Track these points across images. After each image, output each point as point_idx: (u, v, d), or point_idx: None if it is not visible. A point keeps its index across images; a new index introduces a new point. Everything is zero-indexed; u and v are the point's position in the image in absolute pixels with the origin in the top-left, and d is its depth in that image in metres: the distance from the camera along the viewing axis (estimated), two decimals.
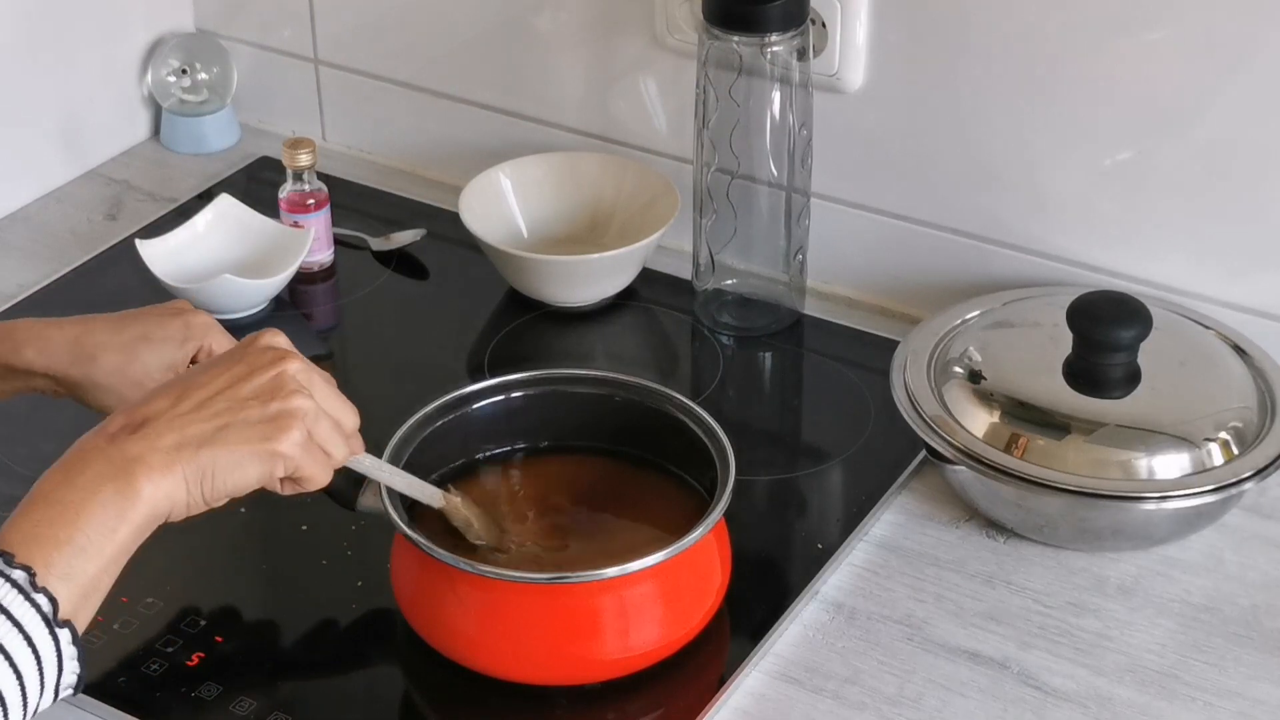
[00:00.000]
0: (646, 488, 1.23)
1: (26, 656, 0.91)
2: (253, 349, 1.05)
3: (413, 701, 1.18)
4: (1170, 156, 1.37)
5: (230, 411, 1.01)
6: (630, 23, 1.56)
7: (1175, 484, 1.23)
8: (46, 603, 0.92)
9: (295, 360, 1.05)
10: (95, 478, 0.96)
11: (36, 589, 0.92)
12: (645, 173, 1.57)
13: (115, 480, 0.96)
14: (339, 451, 1.06)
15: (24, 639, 0.91)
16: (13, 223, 1.70)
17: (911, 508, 1.33)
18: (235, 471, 1.00)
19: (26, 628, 0.91)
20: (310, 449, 1.03)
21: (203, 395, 1.01)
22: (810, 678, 1.18)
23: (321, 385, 1.06)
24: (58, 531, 0.94)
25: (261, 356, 1.04)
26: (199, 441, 0.99)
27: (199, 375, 1.04)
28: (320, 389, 1.05)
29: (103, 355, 1.19)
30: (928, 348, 1.35)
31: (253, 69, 1.80)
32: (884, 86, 1.47)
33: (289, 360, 1.04)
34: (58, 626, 0.92)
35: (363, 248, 1.63)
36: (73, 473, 0.97)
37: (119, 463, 0.97)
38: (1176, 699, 1.16)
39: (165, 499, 0.98)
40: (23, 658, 0.91)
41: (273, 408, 1.02)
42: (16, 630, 0.91)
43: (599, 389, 1.25)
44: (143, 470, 0.97)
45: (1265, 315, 1.38)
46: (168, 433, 0.99)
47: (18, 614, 0.91)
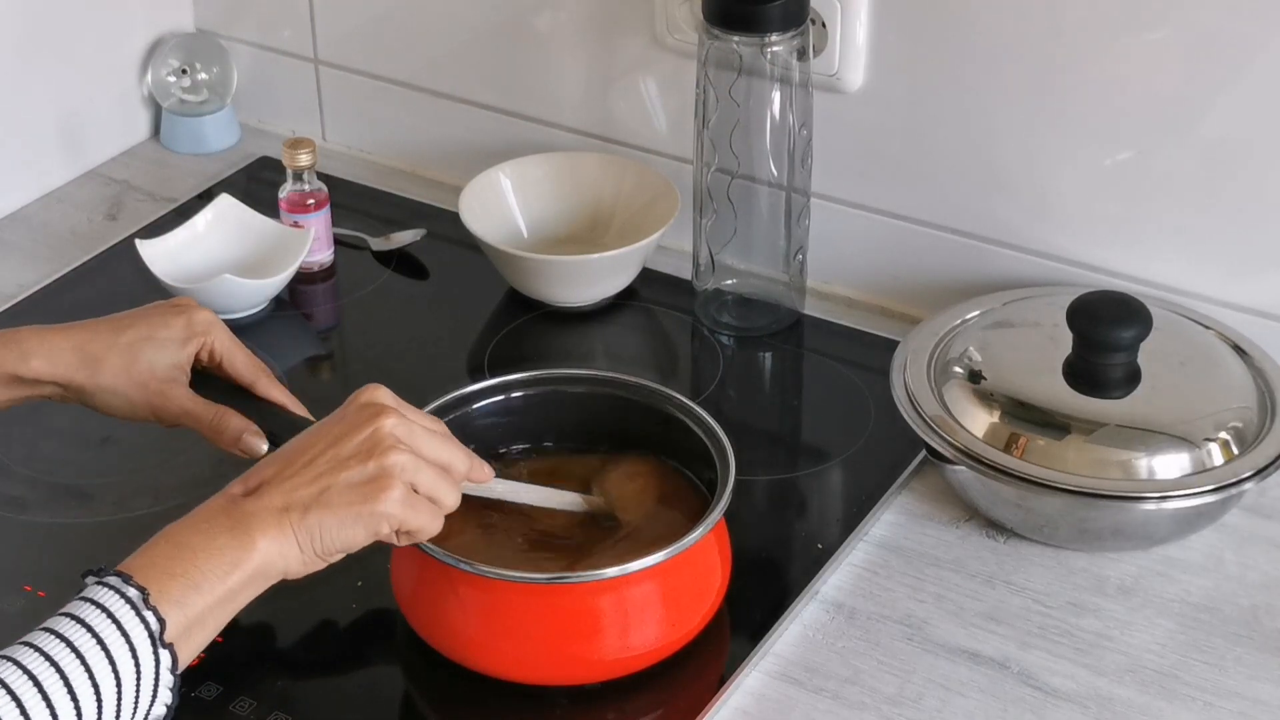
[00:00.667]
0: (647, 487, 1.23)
1: (128, 668, 0.94)
2: (353, 407, 1.08)
3: (413, 701, 1.18)
4: (1171, 157, 1.37)
5: (331, 474, 1.04)
6: (630, 23, 1.56)
7: (1175, 484, 1.23)
8: (155, 621, 0.96)
9: (391, 415, 1.07)
10: (214, 527, 1.01)
11: (148, 606, 0.96)
12: (645, 173, 1.57)
13: (233, 532, 1.01)
14: (448, 498, 1.08)
15: (129, 650, 0.94)
16: (13, 223, 1.70)
17: (911, 508, 1.33)
18: (341, 532, 1.04)
19: (134, 640, 0.95)
20: (413, 502, 1.06)
21: (307, 458, 1.05)
22: (810, 678, 1.18)
23: (423, 436, 1.07)
24: (174, 565, 0.99)
25: (360, 414, 1.07)
26: (305, 505, 1.03)
27: (305, 437, 1.07)
28: (421, 440, 1.07)
29: (107, 358, 1.19)
30: (928, 348, 1.35)
31: (253, 69, 1.80)
32: (884, 86, 1.47)
33: (385, 416, 1.06)
34: (162, 646, 0.96)
35: (363, 248, 1.63)
36: (196, 521, 1.02)
37: (236, 517, 1.02)
38: (1176, 699, 1.16)
39: (279, 555, 1.02)
40: (125, 667, 0.94)
41: (370, 467, 1.04)
42: (124, 641, 0.94)
43: (599, 389, 1.25)
44: (258, 525, 1.02)
45: (1265, 315, 1.38)
46: (278, 496, 1.03)
47: (128, 626, 0.95)
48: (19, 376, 1.19)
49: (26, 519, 1.32)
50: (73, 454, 1.38)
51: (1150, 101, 1.36)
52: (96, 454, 1.37)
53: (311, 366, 1.52)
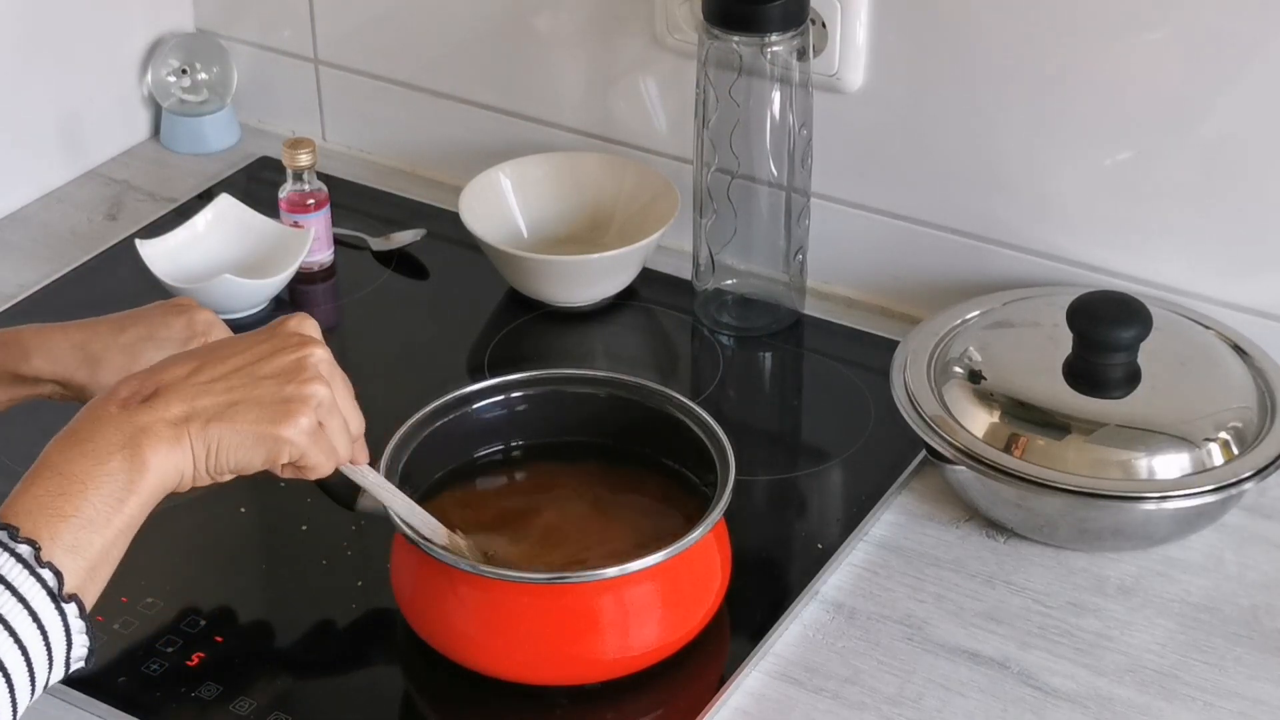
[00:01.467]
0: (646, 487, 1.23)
1: (32, 632, 0.90)
2: (281, 330, 1.04)
3: (413, 701, 1.18)
4: (1171, 157, 1.37)
5: (245, 388, 0.99)
6: (630, 23, 1.56)
7: (1175, 484, 1.23)
8: (52, 577, 0.91)
9: (321, 349, 1.04)
10: (104, 447, 0.95)
11: (42, 564, 0.91)
12: (645, 173, 1.57)
13: (123, 450, 0.95)
14: (344, 449, 1.05)
15: (29, 614, 0.90)
16: (13, 223, 1.70)
17: (911, 508, 1.33)
18: (240, 450, 0.99)
19: (32, 603, 0.90)
20: (318, 438, 1.02)
21: (221, 369, 1.00)
22: (810, 678, 1.18)
23: (341, 382, 1.05)
24: (64, 504, 0.93)
25: (288, 339, 1.03)
26: (208, 415, 0.98)
27: (220, 348, 1.02)
28: (340, 385, 1.04)
29: (107, 358, 1.19)
30: (928, 348, 1.35)
31: (253, 69, 1.80)
32: (884, 86, 1.47)
33: (315, 347, 1.03)
34: (64, 601, 0.92)
35: (363, 248, 1.63)
36: (81, 440, 0.95)
37: (128, 432, 0.96)
38: (1176, 699, 1.16)
39: (174, 470, 0.97)
40: (28, 633, 0.90)
41: (288, 390, 1.00)
42: (22, 606, 0.90)
43: (599, 389, 1.25)
44: (150, 441, 0.96)
45: (1265, 315, 1.38)
46: (177, 403, 0.98)
47: (23, 589, 0.90)
48: (20, 375, 1.19)
49: None
50: None
51: (1150, 101, 1.36)
52: None
53: None
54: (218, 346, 1.03)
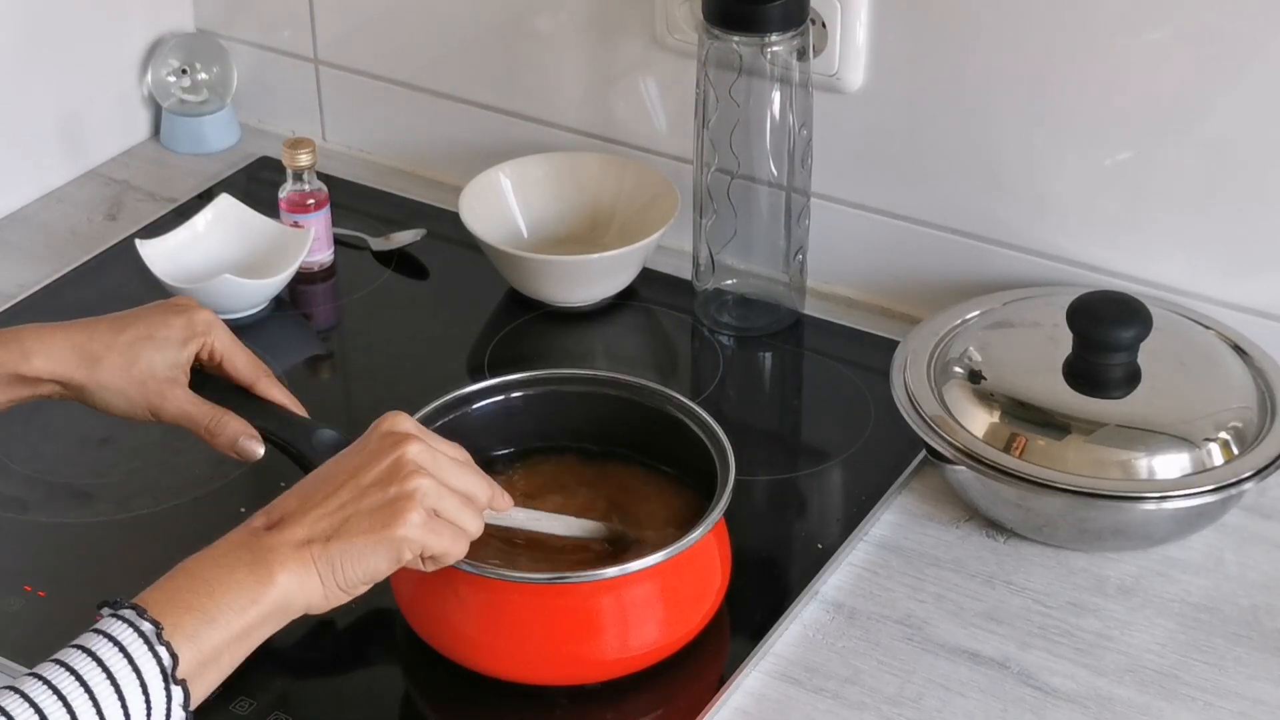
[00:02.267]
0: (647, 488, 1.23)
1: (139, 704, 0.94)
2: (375, 434, 1.07)
3: (413, 701, 1.18)
4: (1171, 156, 1.37)
5: (353, 503, 1.03)
6: (630, 23, 1.56)
7: (1175, 484, 1.23)
8: (168, 657, 0.95)
9: (414, 442, 1.06)
10: (234, 561, 1.00)
11: (161, 642, 0.95)
12: (645, 173, 1.57)
13: (252, 566, 1.00)
14: (471, 525, 1.07)
15: (140, 686, 0.94)
16: (13, 223, 1.70)
17: (911, 508, 1.33)
18: (362, 561, 1.03)
19: (145, 675, 0.94)
20: (434, 526, 1.05)
21: (330, 489, 1.04)
22: (810, 678, 1.18)
23: (446, 463, 1.07)
24: (191, 599, 0.98)
25: (382, 442, 1.06)
26: (326, 535, 1.02)
27: (328, 468, 1.06)
28: (445, 467, 1.06)
29: (107, 357, 1.19)
30: (928, 348, 1.35)
31: (253, 69, 1.80)
32: (884, 86, 1.47)
33: (408, 443, 1.06)
34: (174, 683, 0.95)
35: (363, 248, 1.63)
36: (216, 554, 1.01)
37: (257, 551, 1.01)
38: (1176, 699, 1.16)
39: (299, 589, 1.01)
40: (135, 704, 0.94)
41: (391, 492, 1.04)
42: (135, 677, 0.94)
43: (599, 389, 1.25)
44: (277, 559, 1.01)
45: (1265, 315, 1.38)
46: (299, 529, 1.02)
47: (140, 662, 0.94)
48: (20, 375, 1.19)
49: (26, 519, 1.32)
50: (73, 454, 1.38)
51: (1150, 101, 1.36)
52: (96, 454, 1.37)
53: (311, 366, 1.52)
54: (325, 469, 1.07)
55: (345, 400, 1.49)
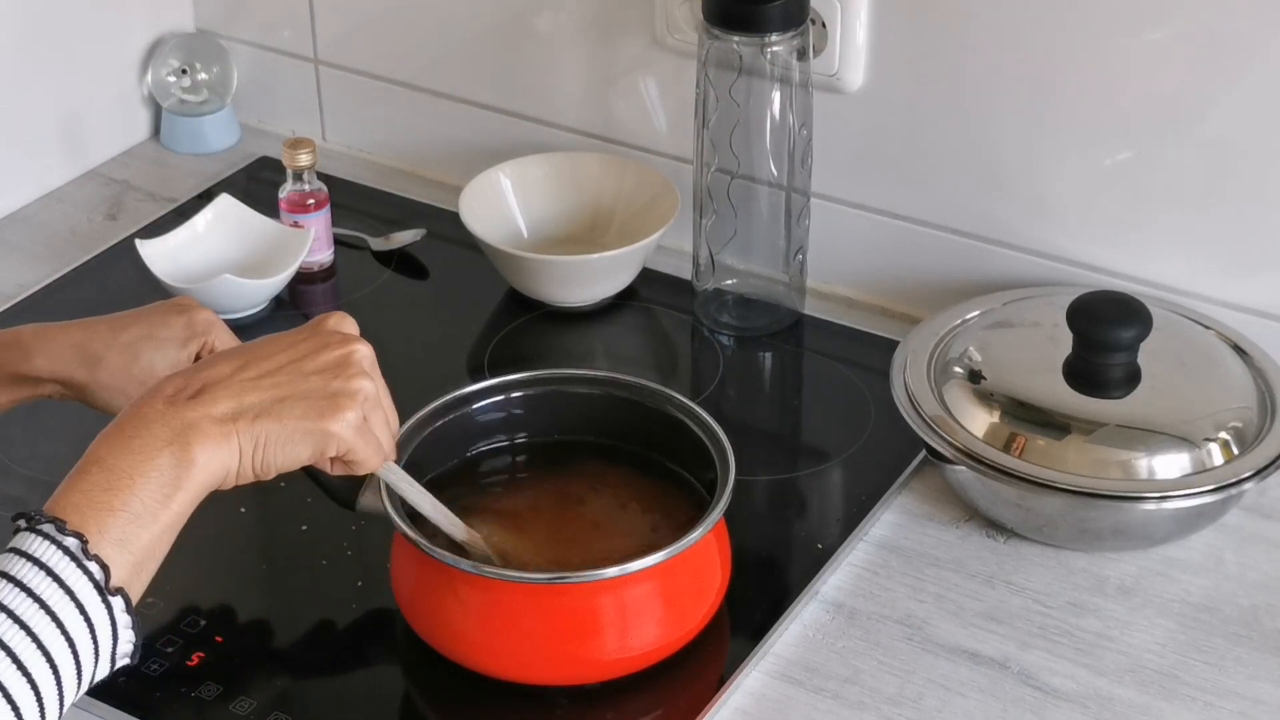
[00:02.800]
0: (646, 488, 1.23)
1: (79, 625, 0.90)
2: (323, 327, 1.05)
3: (413, 701, 1.18)
4: (1171, 157, 1.37)
5: (290, 384, 1.00)
6: (630, 23, 1.56)
7: (1175, 484, 1.23)
8: (98, 570, 0.91)
9: (364, 346, 1.04)
10: (151, 443, 0.95)
11: (89, 556, 0.91)
12: (645, 173, 1.57)
13: (171, 446, 0.95)
14: (388, 444, 1.05)
15: (76, 607, 0.90)
16: (13, 223, 1.70)
17: (911, 508, 1.33)
18: (286, 447, 0.99)
19: (79, 595, 0.90)
20: (364, 432, 1.02)
21: (266, 366, 1.00)
22: (810, 678, 1.18)
23: (381, 380, 1.05)
24: (112, 498, 0.93)
25: (331, 336, 1.04)
26: (255, 411, 0.98)
27: (264, 345, 1.02)
28: (380, 381, 1.05)
29: (107, 356, 1.19)
30: (928, 348, 1.35)
31: (253, 69, 1.80)
32: (884, 86, 1.47)
33: (358, 344, 1.04)
34: (110, 595, 0.91)
35: (363, 248, 1.63)
36: (128, 437, 0.95)
37: (175, 428, 0.96)
38: (1176, 699, 1.16)
39: (220, 467, 0.97)
40: (75, 626, 0.90)
41: (334, 385, 1.01)
42: (69, 598, 0.90)
43: (599, 389, 1.25)
44: (198, 437, 0.96)
45: (1265, 315, 1.38)
46: (225, 399, 0.98)
47: (70, 581, 0.90)
48: (21, 375, 1.19)
49: None
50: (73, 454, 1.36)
51: (1150, 101, 1.36)
52: None
53: None
54: (261, 344, 1.03)
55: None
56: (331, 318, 1.06)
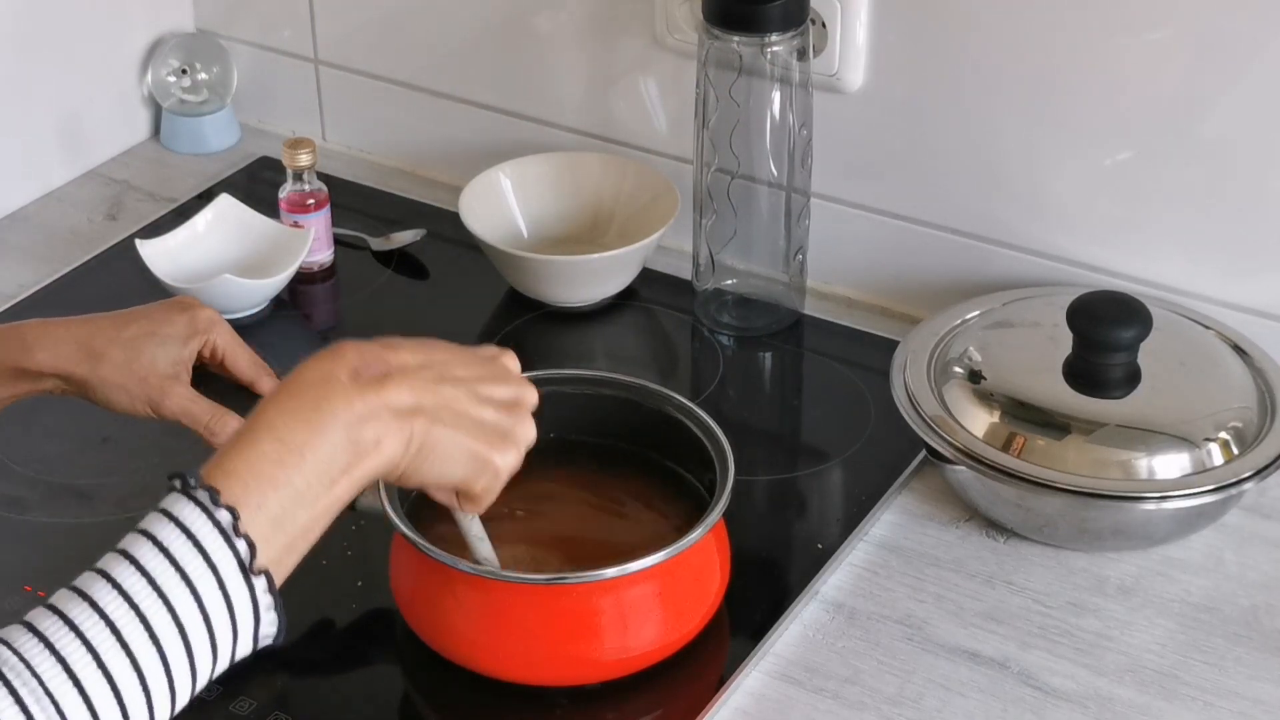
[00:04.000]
0: (646, 488, 1.23)
1: (218, 601, 0.87)
2: (500, 362, 1.03)
3: (412, 701, 1.18)
4: (1171, 156, 1.37)
5: (471, 403, 0.97)
6: (630, 23, 1.56)
7: (1175, 484, 1.23)
8: (246, 549, 0.87)
9: (534, 394, 1.03)
10: (330, 420, 0.91)
11: (238, 533, 0.87)
12: (645, 173, 1.57)
13: (349, 430, 0.91)
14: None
15: (217, 583, 0.86)
16: (13, 223, 1.70)
17: (911, 508, 1.33)
18: (449, 461, 0.97)
19: (221, 572, 0.86)
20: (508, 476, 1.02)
21: (449, 373, 0.97)
22: (810, 678, 1.18)
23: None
24: (278, 472, 0.89)
25: (506, 371, 1.03)
26: (435, 415, 0.95)
27: (443, 351, 0.99)
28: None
29: (109, 352, 1.19)
30: (928, 348, 1.35)
31: (253, 69, 1.80)
32: (884, 86, 1.47)
33: (531, 389, 1.03)
34: (254, 574, 0.88)
35: (363, 248, 1.63)
36: (306, 409, 0.91)
37: (359, 410, 0.91)
38: (1176, 699, 1.16)
39: (389, 460, 0.94)
40: (213, 602, 0.86)
41: (508, 421, 1.00)
42: (211, 573, 0.86)
43: (599, 389, 1.25)
44: (378, 427, 0.92)
45: (1265, 315, 1.38)
46: (409, 392, 0.94)
47: (215, 556, 0.86)
48: (23, 370, 1.19)
49: (26, 519, 1.32)
50: (73, 454, 1.38)
51: (1150, 101, 1.36)
52: (96, 454, 1.37)
53: None
54: (440, 349, 1.00)
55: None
56: (505, 354, 1.04)
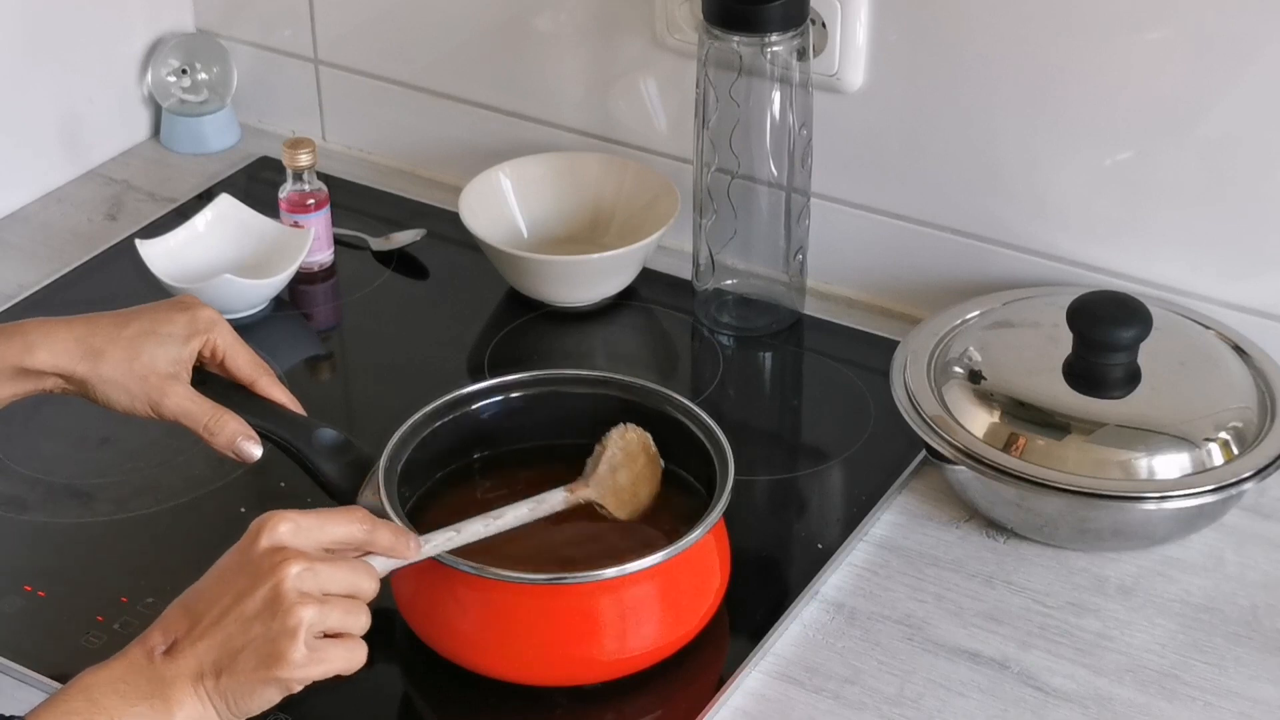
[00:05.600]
0: None
1: None
2: (254, 549, 1.03)
3: (412, 702, 1.18)
4: (1170, 156, 1.37)
5: (239, 634, 1.01)
6: (630, 23, 1.56)
7: (1175, 484, 1.23)
8: None
9: (292, 564, 1.01)
10: (133, 691, 0.99)
11: None
12: (645, 173, 1.57)
13: (150, 701, 0.99)
14: (358, 625, 1.04)
15: None
16: (13, 223, 1.70)
17: (911, 508, 1.33)
18: (252, 696, 1.01)
19: None
20: (320, 652, 1.02)
21: (214, 615, 1.01)
22: (810, 678, 1.18)
23: (326, 573, 1.03)
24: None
25: (261, 564, 1.02)
26: (215, 670, 1.00)
27: (211, 586, 1.03)
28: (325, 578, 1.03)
29: (109, 352, 1.19)
30: (928, 348, 1.35)
31: (253, 69, 1.80)
32: (884, 86, 1.47)
33: (286, 566, 1.01)
34: None
35: (363, 248, 1.63)
36: (114, 677, 0.99)
37: (155, 682, 1.00)
38: (1176, 699, 1.16)
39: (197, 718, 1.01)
40: None
41: (273, 628, 1.01)
42: None
43: (599, 389, 1.25)
44: (175, 694, 1.00)
45: (1265, 315, 1.38)
46: (190, 659, 1.00)
47: None
48: (24, 369, 1.19)
49: (26, 519, 1.32)
50: (73, 454, 1.38)
51: (1150, 101, 1.36)
52: (96, 454, 1.37)
53: (311, 366, 1.52)
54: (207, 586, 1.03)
55: (345, 400, 1.49)
56: (264, 528, 1.03)
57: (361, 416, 1.45)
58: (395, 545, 1.07)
